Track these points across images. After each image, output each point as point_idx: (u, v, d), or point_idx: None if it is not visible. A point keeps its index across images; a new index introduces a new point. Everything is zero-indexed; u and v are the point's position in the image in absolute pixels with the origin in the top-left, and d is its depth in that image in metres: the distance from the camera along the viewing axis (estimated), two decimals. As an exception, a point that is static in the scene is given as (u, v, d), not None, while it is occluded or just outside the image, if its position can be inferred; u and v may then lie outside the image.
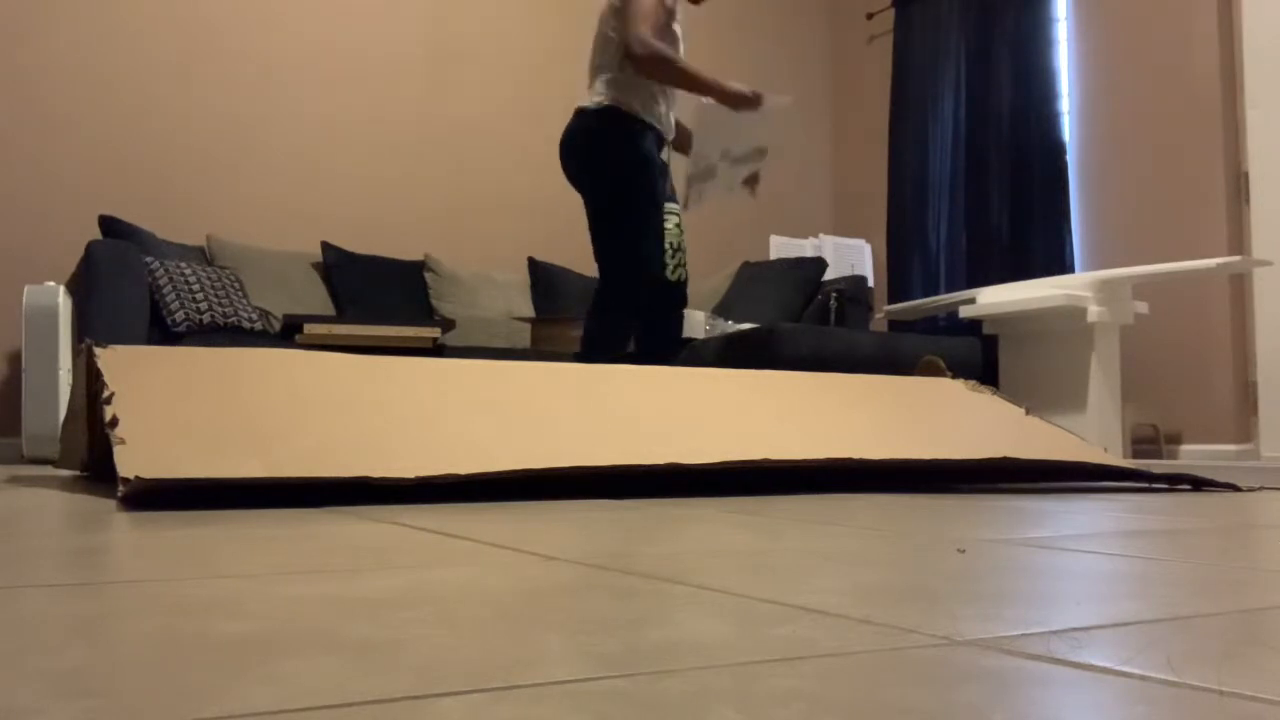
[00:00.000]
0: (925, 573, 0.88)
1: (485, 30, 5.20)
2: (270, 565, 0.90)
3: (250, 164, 4.63)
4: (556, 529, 1.23)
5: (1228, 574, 0.90)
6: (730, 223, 5.79)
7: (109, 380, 1.76)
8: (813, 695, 0.47)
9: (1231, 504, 1.73)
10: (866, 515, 1.44)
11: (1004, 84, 5.13)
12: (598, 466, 1.74)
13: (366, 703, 0.45)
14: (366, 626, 0.63)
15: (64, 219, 4.26)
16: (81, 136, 4.32)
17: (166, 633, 0.60)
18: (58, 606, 0.69)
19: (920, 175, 5.53)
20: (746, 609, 0.70)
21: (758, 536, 1.16)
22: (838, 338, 4.00)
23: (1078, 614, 0.69)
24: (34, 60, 4.26)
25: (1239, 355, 4.34)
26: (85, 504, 1.57)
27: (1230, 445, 4.30)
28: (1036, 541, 1.13)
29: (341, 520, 1.32)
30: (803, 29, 6.13)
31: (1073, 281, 3.99)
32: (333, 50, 4.84)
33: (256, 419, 1.74)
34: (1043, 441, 2.23)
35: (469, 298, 4.68)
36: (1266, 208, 4.30)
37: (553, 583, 0.81)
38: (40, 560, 0.93)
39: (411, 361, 2.13)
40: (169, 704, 0.45)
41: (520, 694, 0.47)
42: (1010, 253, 5.04)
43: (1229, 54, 4.42)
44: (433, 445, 1.75)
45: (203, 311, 3.77)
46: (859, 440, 2.05)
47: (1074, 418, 3.96)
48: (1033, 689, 0.49)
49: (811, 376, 2.48)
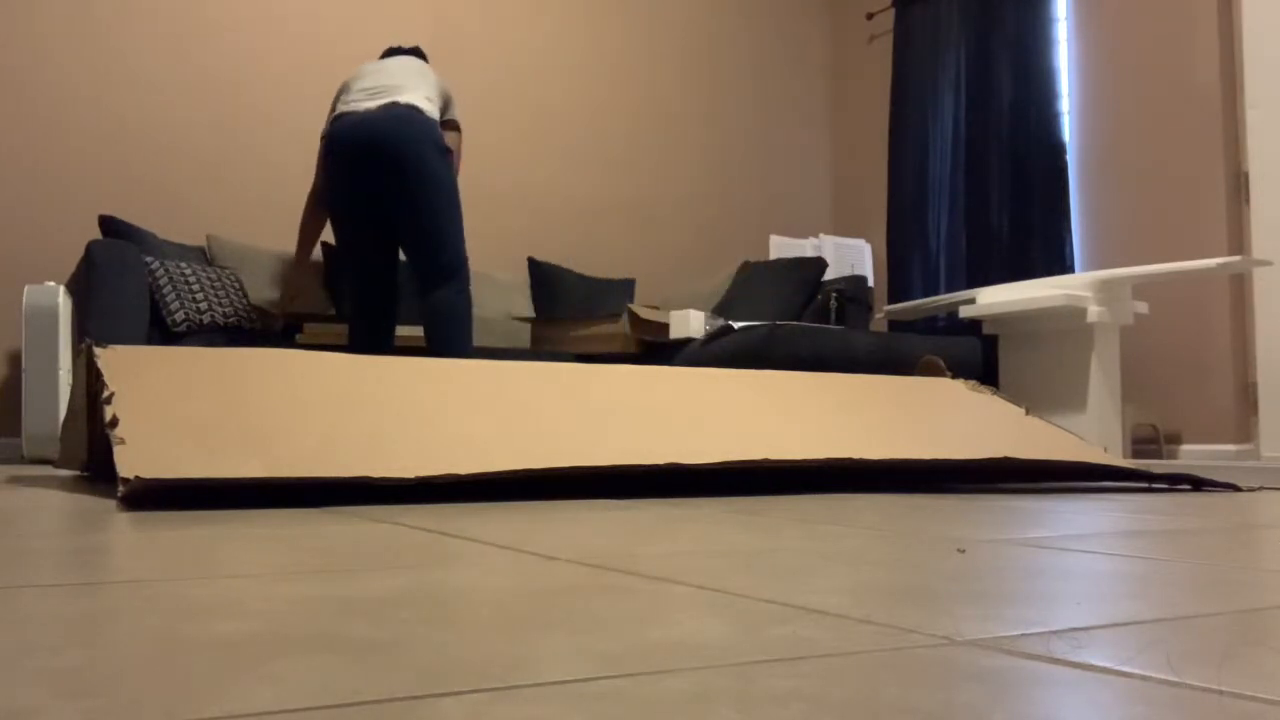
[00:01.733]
0: (925, 573, 0.88)
1: (485, 30, 5.20)
2: (270, 565, 0.90)
3: (250, 164, 4.63)
4: (556, 529, 1.23)
5: (1228, 574, 0.90)
6: (730, 223, 5.79)
7: (109, 380, 1.76)
8: (813, 695, 0.47)
9: (1231, 504, 1.73)
10: (866, 515, 1.44)
11: (1004, 84, 5.13)
12: (597, 466, 1.74)
13: (366, 703, 0.45)
14: (366, 626, 0.63)
15: (64, 219, 4.26)
16: (81, 137, 4.32)
17: (166, 633, 0.60)
18: (58, 606, 0.69)
19: (920, 175, 5.53)
20: (746, 609, 0.70)
21: (758, 536, 1.16)
22: (838, 338, 4.00)
23: (1078, 614, 0.69)
24: (34, 60, 4.26)
25: (1239, 355, 4.34)
26: (85, 504, 1.57)
27: (1230, 445, 4.30)
28: (1036, 541, 1.13)
29: (341, 520, 1.32)
30: (803, 29, 6.13)
31: (1073, 281, 3.99)
32: (333, 50, 4.84)
33: (256, 419, 1.74)
34: (1043, 441, 2.23)
35: (469, 298, 4.68)
36: (1266, 208, 4.30)
37: (553, 583, 0.81)
38: (40, 560, 0.93)
39: (411, 361, 2.13)
40: (169, 704, 0.45)
41: (520, 694, 0.47)
42: (1010, 253, 5.04)
43: (1229, 54, 4.42)
44: (433, 445, 1.75)
45: (203, 311, 3.77)
46: (859, 440, 2.05)
47: (1074, 418, 3.96)
48: (1033, 689, 0.49)
49: (811, 376, 2.48)
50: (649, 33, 5.61)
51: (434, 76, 3.46)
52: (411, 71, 3.39)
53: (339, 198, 3.30)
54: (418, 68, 3.44)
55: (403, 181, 3.19)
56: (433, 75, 3.47)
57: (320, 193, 3.42)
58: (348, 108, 3.30)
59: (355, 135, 3.20)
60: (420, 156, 3.18)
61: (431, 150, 3.21)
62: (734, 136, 5.83)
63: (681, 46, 5.69)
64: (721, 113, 5.75)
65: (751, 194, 5.87)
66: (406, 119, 3.21)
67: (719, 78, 5.76)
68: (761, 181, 5.91)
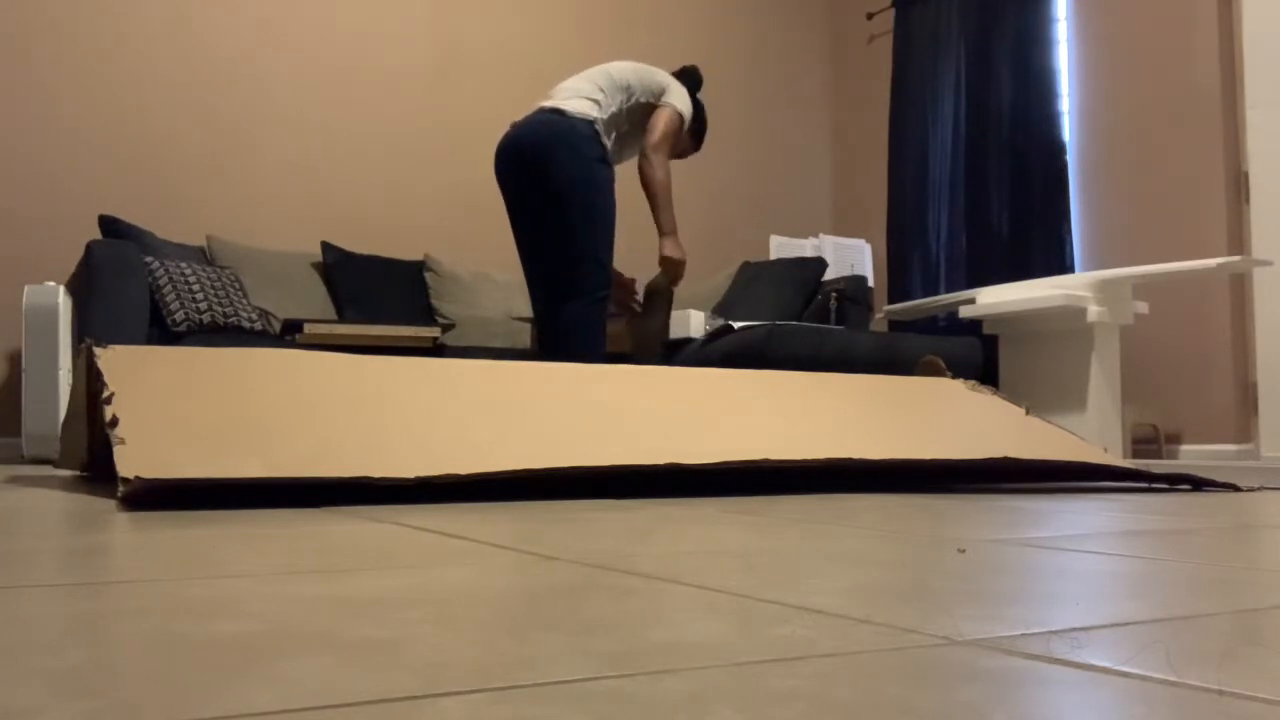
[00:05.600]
0: (925, 573, 0.88)
1: (485, 30, 5.20)
2: (270, 565, 0.90)
3: (250, 164, 4.63)
4: (556, 529, 1.23)
5: (1228, 574, 0.89)
6: (730, 223, 5.79)
7: (109, 380, 1.76)
8: (813, 695, 0.47)
9: (1231, 504, 1.73)
10: (866, 515, 1.44)
11: (1004, 84, 5.13)
12: (598, 466, 1.74)
13: (366, 703, 0.45)
14: (366, 626, 0.63)
15: (64, 219, 4.26)
16: (82, 137, 4.32)
17: (166, 633, 0.60)
18: (57, 606, 0.69)
19: (920, 175, 5.53)
20: (746, 609, 0.70)
21: (758, 536, 1.16)
22: (838, 338, 4.00)
23: (1078, 614, 0.69)
24: (34, 60, 4.26)
25: (1239, 355, 4.34)
26: (85, 504, 1.57)
27: (1230, 445, 4.30)
28: (1036, 541, 1.13)
29: (341, 520, 1.32)
30: (803, 29, 6.13)
31: (1073, 281, 3.99)
32: (333, 50, 4.84)
33: (257, 419, 1.74)
34: (1043, 441, 2.23)
35: (469, 298, 4.68)
36: (1266, 208, 4.30)
37: (553, 583, 0.81)
38: (40, 560, 0.93)
39: (411, 361, 2.13)
40: (169, 704, 0.45)
41: (520, 694, 0.47)
42: (1010, 253, 5.04)
43: (1229, 54, 4.42)
44: (433, 445, 1.75)
45: (203, 311, 3.77)
46: (859, 440, 2.05)
47: (1074, 418, 3.96)
48: (1033, 689, 0.49)
49: (811, 376, 2.48)
50: (648, 33, 5.61)
51: (615, 69, 3.21)
52: (583, 74, 3.22)
53: (507, 207, 3.24)
54: (597, 69, 3.24)
55: (530, 188, 3.09)
56: (613, 68, 3.21)
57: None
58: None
59: (499, 146, 3.15)
60: (545, 160, 3.03)
61: (563, 153, 3.01)
62: (734, 136, 5.83)
63: (682, 47, 5.69)
64: (721, 112, 5.75)
65: (751, 194, 5.87)
66: (538, 123, 3.07)
67: (719, 78, 5.76)
68: (761, 181, 5.91)
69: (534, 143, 3.05)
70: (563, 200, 3.02)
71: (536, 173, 3.06)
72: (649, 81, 3.21)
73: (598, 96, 3.13)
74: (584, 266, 3.03)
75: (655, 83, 3.22)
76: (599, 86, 3.15)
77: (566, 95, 3.14)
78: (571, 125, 3.04)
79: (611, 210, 3.07)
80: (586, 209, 3.02)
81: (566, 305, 3.05)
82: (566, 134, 3.03)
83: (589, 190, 3.02)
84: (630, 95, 3.18)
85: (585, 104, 3.11)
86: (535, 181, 3.07)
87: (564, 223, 3.03)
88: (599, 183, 3.04)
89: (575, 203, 3.01)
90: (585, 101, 3.11)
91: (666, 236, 3.18)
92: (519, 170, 3.10)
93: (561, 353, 3.04)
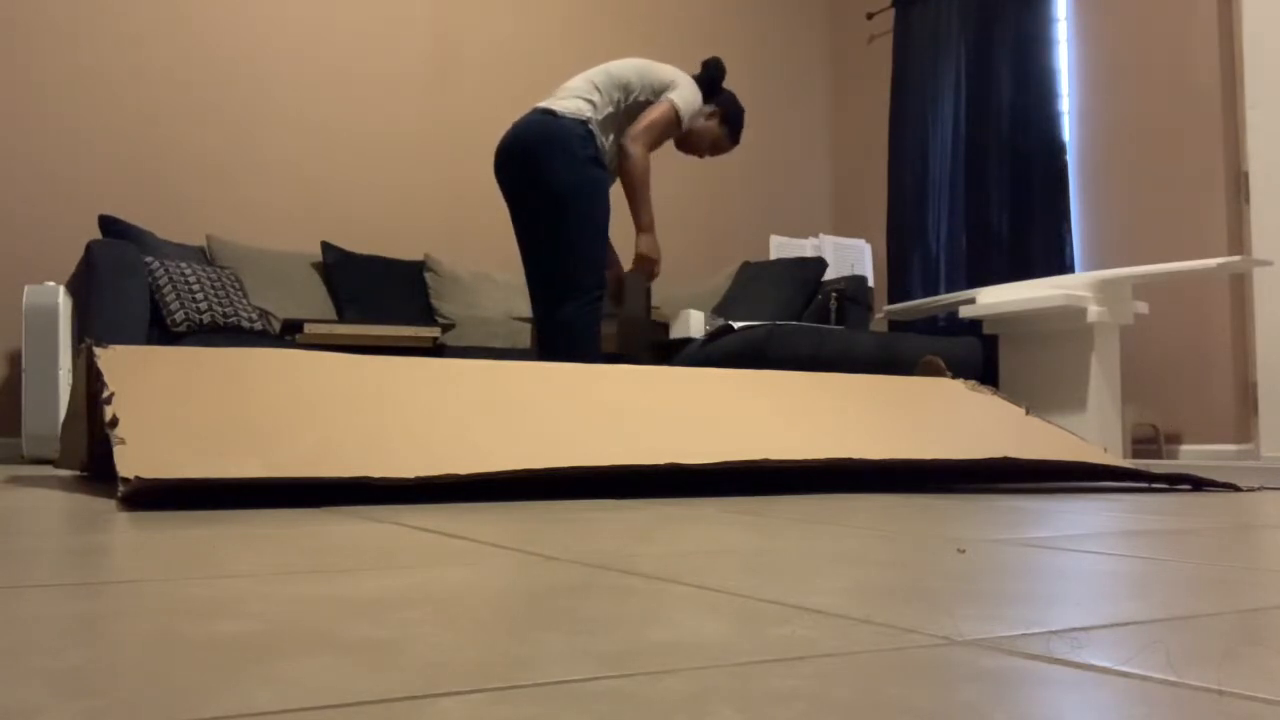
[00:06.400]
0: (925, 573, 0.88)
1: (485, 30, 5.20)
2: (270, 565, 0.90)
3: (250, 164, 4.63)
4: (556, 529, 1.23)
5: (1228, 574, 0.89)
6: (730, 223, 5.79)
7: (109, 380, 1.76)
8: (813, 695, 0.47)
9: (1231, 504, 1.73)
10: (866, 515, 1.44)
11: (1004, 84, 5.13)
12: (598, 466, 1.74)
13: (366, 703, 0.45)
14: (366, 626, 0.63)
15: (64, 219, 4.26)
16: (81, 137, 4.32)
17: (166, 633, 0.60)
18: (57, 606, 0.69)
19: (920, 175, 5.53)
20: (746, 609, 0.70)
21: (758, 536, 1.16)
22: (838, 338, 4.00)
23: (1078, 614, 0.69)
24: (34, 60, 4.26)
25: (1239, 355, 4.34)
26: (85, 504, 1.57)
27: (1230, 445, 4.30)
28: (1036, 541, 1.13)
29: (341, 520, 1.32)
30: (803, 29, 6.13)
31: (1073, 281, 3.99)
32: (333, 50, 4.84)
33: (257, 419, 1.74)
34: (1043, 441, 2.23)
35: (469, 298, 4.68)
36: (1266, 208, 4.30)
37: (553, 583, 0.81)
38: (40, 560, 0.93)
39: (411, 361, 2.13)
40: (169, 704, 0.45)
41: (520, 694, 0.47)
42: (1010, 253, 5.04)
43: (1229, 54, 4.42)
44: (433, 445, 1.75)
45: (203, 311, 3.77)
46: (859, 440, 2.05)
47: (1074, 418, 3.96)
48: (1033, 689, 0.49)
49: (811, 376, 2.48)
50: (648, 33, 5.61)
51: (615, 67, 3.18)
52: (584, 74, 3.20)
53: (508, 207, 3.26)
54: (598, 68, 3.21)
55: (527, 188, 3.08)
56: (614, 66, 3.18)
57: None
58: None
59: (498, 146, 3.14)
60: (538, 160, 3.02)
61: (555, 153, 3.00)
62: (734, 136, 5.82)
63: (681, 47, 5.69)
64: (721, 113, 5.74)
65: (751, 194, 5.87)
66: (531, 123, 3.06)
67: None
68: (761, 181, 5.91)
69: (527, 143, 3.05)
70: (555, 200, 3.02)
71: (531, 173, 3.05)
72: (651, 78, 3.18)
73: (592, 96, 3.11)
74: (578, 267, 3.03)
75: (658, 79, 3.18)
76: (595, 85, 3.14)
77: (562, 95, 3.13)
78: (563, 125, 3.03)
79: (604, 210, 3.06)
80: (578, 209, 3.01)
81: (563, 305, 3.04)
82: (558, 134, 3.02)
83: (580, 190, 3.02)
84: (630, 93, 3.15)
85: (579, 104, 3.09)
86: (530, 181, 3.07)
87: (557, 222, 3.03)
88: (591, 183, 3.03)
89: (567, 203, 3.01)
90: (579, 101, 3.10)
91: (643, 233, 3.16)
92: (515, 170, 3.10)
93: (559, 353, 3.04)
